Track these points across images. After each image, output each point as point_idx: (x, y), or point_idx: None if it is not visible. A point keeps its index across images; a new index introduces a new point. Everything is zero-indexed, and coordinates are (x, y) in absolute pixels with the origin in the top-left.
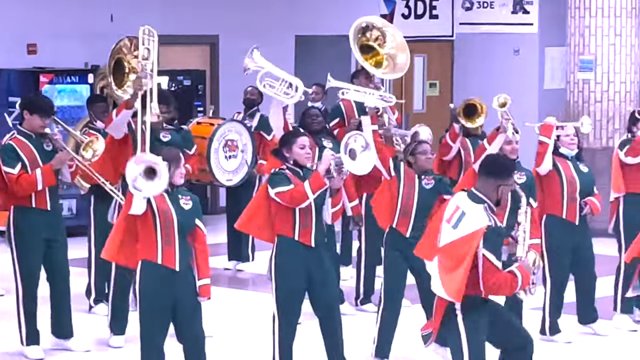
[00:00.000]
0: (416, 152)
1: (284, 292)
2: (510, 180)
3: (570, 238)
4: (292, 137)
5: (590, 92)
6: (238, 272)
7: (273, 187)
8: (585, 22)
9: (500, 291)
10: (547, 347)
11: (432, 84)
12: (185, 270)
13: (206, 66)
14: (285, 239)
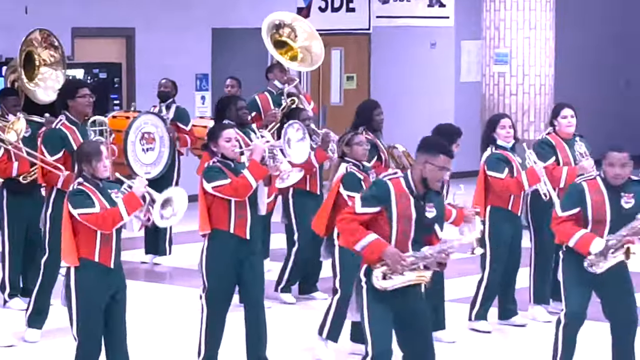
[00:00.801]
0: (352, 143)
1: (214, 285)
2: (438, 159)
3: (512, 230)
4: (218, 131)
5: (506, 85)
6: (155, 266)
7: (209, 181)
8: (501, 16)
9: (342, 234)
10: (467, 337)
11: (350, 77)
12: (118, 266)
13: (122, 59)
14: (220, 232)
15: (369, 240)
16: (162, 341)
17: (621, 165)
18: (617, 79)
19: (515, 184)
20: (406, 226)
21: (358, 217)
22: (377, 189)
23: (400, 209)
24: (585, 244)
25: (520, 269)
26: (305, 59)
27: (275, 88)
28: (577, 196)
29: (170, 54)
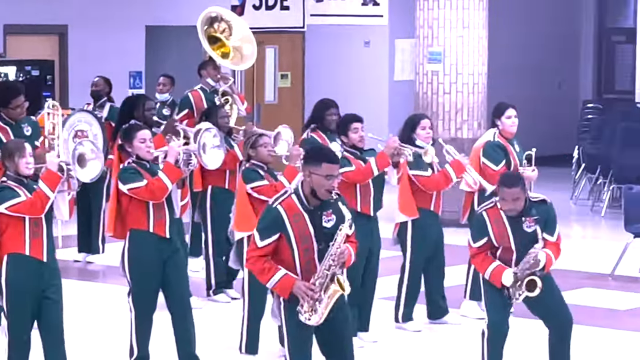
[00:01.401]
0: (257, 145)
1: (139, 285)
2: (321, 169)
3: (434, 230)
4: (132, 132)
5: (439, 83)
6: (88, 264)
7: (124, 183)
8: (434, 15)
9: (254, 274)
10: (398, 336)
11: (284, 75)
12: (52, 260)
13: (55, 56)
14: (140, 232)
15: (278, 277)
16: (95, 340)
17: (513, 200)
18: (549, 79)
19: (442, 178)
20: (307, 243)
21: (263, 251)
22: (268, 218)
23: (297, 229)
24: (497, 278)
25: (457, 266)
26: (235, 58)
27: (208, 85)
28: (481, 227)
29: (104, 52)
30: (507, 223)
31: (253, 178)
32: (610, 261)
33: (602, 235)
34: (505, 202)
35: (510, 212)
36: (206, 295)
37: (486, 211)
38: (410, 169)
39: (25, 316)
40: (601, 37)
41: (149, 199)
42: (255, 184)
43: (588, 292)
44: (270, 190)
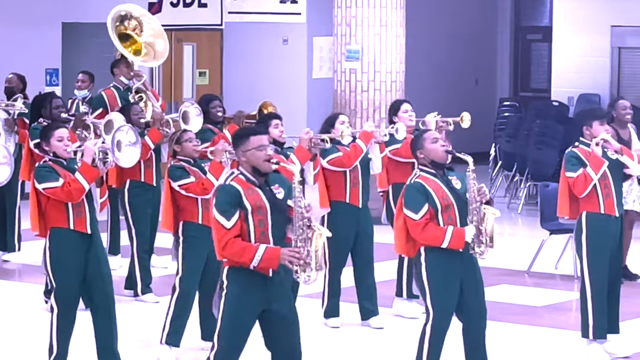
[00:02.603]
0: (182, 140)
1: (62, 283)
2: (249, 143)
3: (353, 223)
4: (49, 130)
5: (357, 81)
6: (4, 263)
7: (40, 182)
8: (352, 13)
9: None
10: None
11: (202, 72)
12: None
13: None
14: (60, 230)
15: (261, 252)
16: (11, 340)
17: (438, 138)
18: (466, 77)
19: (353, 151)
20: (261, 215)
21: (234, 231)
22: (226, 195)
23: (252, 201)
24: (459, 238)
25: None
26: (148, 54)
27: (122, 84)
28: (419, 192)
29: (19, 48)
30: (439, 182)
31: (179, 175)
32: (526, 258)
33: (518, 232)
34: (437, 142)
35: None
36: (133, 295)
37: (418, 178)
38: (323, 157)
39: None
40: (517, 36)
41: (66, 200)
42: (182, 181)
43: (505, 289)
44: (197, 187)
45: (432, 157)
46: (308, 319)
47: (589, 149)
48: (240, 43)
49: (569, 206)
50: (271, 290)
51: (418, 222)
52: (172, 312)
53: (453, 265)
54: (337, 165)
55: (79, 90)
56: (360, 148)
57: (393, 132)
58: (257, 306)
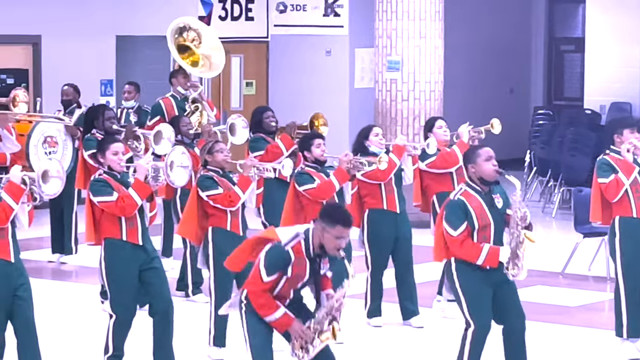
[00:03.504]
0: (213, 151)
1: (118, 293)
2: (334, 230)
3: (392, 228)
4: (106, 144)
5: (397, 91)
6: (62, 265)
7: (95, 195)
8: (393, 25)
9: (254, 306)
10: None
11: (249, 83)
12: (18, 261)
13: (29, 65)
14: (114, 241)
15: (278, 315)
16: (69, 338)
17: (492, 157)
18: (501, 87)
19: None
20: (294, 284)
21: (267, 286)
22: (279, 258)
23: (296, 270)
24: (494, 257)
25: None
26: (205, 66)
27: (179, 93)
28: (460, 210)
29: (75, 61)
30: (481, 201)
31: (208, 186)
32: (560, 260)
33: (552, 235)
34: (489, 161)
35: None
36: (185, 295)
37: (461, 195)
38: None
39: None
40: (551, 47)
41: (120, 215)
42: (211, 192)
43: (540, 290)
44: (225, 199)
45: (482, 174)
46: (352, 319)
47: (619, 157)
48: (285, 54)
49: (601, 212)
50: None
51: (456, 238)
52: (214, 316)
53: (484, 273)
54: (372, 179)
55: (126, 101)
56: (394, 162)
57: (425, 147)
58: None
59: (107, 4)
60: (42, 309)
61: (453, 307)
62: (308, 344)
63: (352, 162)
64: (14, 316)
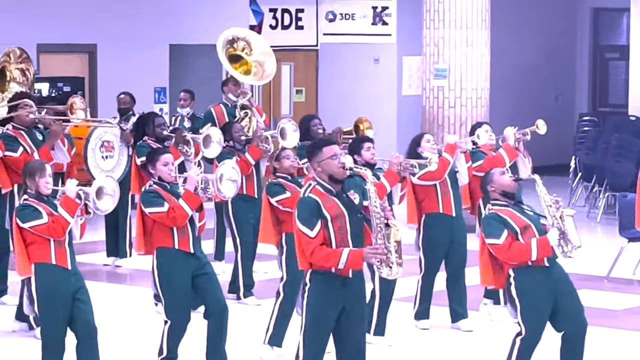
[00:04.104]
0: (280, 157)
1: (172, 300)
2: (323, 154)
3: (447, 233)
4: (156, 154)
5: (445, 98)
6: (116, 268)
7: (146, 206)
8: (440, 33)
9: (320, 264)
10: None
11: (299, 90)
12: (75, 266)
13: (85, 73)
14: (166, 250)
15: (346, 256)
16: (124, 339)
17: (504, 171)
18: (547, 94)
19: (441, 164)
20: (341, 222)
21: (319, 239)
22: (306, 206)
23: (331, 211)
24: (545, 245)
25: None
26: (257, 73)
27: (230, 101)
28: (496, 220)
29: (130, 69)
30: (512, 209)
31: (277, 192)
32: (605, 264)
33: (597, 240)
34: (505, 174)
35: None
36: (236, 298)
37: (493, 210)
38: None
39: (58, 320)
40: (596, 54)
41: (171, 225)
42: (280, 197)
43: (585, 294)
44: (293, 202)
45: (502, 188)
46: (400, 321)
47: None
48: (334, 62)
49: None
50: (350, 291)
51: (502, 245)
52: (275, 315)
53: (542, 282)
54: (428, 180)
55: (182, 108)
56: (447, 160)
57: (475, 139)
58: (337, 305)
59: (161, 14)
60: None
61: (500, 311)
62: (385, 255)
63: (402, 164)
64: (75, 320)
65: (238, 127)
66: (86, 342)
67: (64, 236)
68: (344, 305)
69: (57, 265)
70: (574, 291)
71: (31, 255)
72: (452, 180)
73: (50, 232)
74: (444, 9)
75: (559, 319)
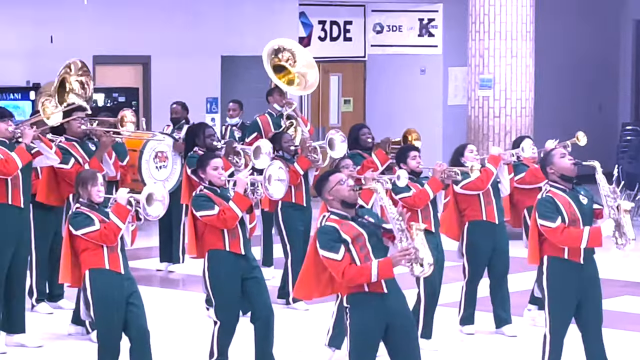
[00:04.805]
0: (340, 167)
1: (222, 301)
2: (330, 182)
3: (490, 240)
4: (205, 159)
5: (490, 108)
6: (169, 273)
7: (197, 210)
8: (485, 45)
9: (353, 283)
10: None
11: (347, 100)
12: (127, 271)
13: (139, 84)
14: (217, 252)
15: (376, 268)
16: (176, 343)
17: (565, 154)
18: (590, 104)
19: (484, 174)
20: (361, 242)
21: (346, 260)
22: (326, 235)
23: (349, 233)
24: (596, 236)
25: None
26: (300, 84)
27: (275, 110)
28: (551, 204)
29: (182, 79)
30: (568, 197)
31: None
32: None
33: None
34: (565, 157)
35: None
36: (285, 303)
37: (550, 192)
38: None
39: (113, 323)
40: (638, 64)
41: (221, 227)
42: None
43: (627, 300)
44: None
45: (562, 171)
46: (445, 326)
47: None
48: (381, 73)
49: None
50: (390, 306)
51: (555, 229)
52: (335, 316)
53: (572, 277)
54: (471, 189)
55: (231, 118)
56: (491, 171)
57: (519, 152)
58: (380, 323)
59: (213, 26)
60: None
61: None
62: (413, 254)
63: (446, 171)
64: (128, 324)
65: (287, 137)
66: (139, 346)
67: (115, 242)
68: (386, 322)
69: (110, 270)
70: (599, 296)
71: (85, 262)
72: (495, 191)
73: (103, 238)
74: (489, 20)
75: (579, 319)
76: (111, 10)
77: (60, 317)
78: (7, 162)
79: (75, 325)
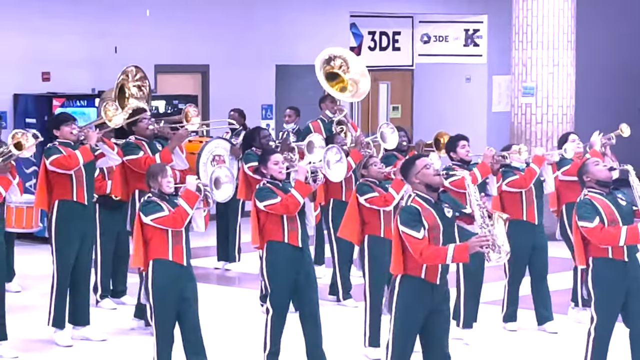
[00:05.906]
0: (368, 165)
1: (276, 288)
2: (416, 167)
3: (530, 240)
4: (266, 155)
5: (532, 114)
6: (226, 271)
7: (261, 200)
8: (528, 54)
9: (429, 262)
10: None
11: (395, 107)
12: (189, 264)
13: (198, 91)
14: (276, 243)
15: (452, 251)
16: (232, 337)
17: (599, 162)
18: (629, 108)
19: (528, 173)
20: (435, 232)
21: (425, 241)
22: (409, 214)
23: (429, 221)
24: (635, 234)
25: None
26: (352, 91)
27: (327, 117)
28: (590, 205)
29: (239, 87)
30: (606, 200)
31: (366, 191)
32: None
33: None
34: (599, 164)
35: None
36: (336, 300)
37: (588, 196)
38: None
39: (169, 313)
40: None
41: (284, 214)
42: (368, 195)
43: None
44: (380, 200)
45: (598, 177)
46: (489, 323)
47: None
48: (428, 81)
49: None
50: (437, 295)
51: (594, 228)
52: (369, 318)
53: (618, 275)
54: (515, 187)
55: (287, 124)
56: (534, 170)
57: (562, 153)
58: (425, 310)
59: (268, 37)
60: (208, 311)
61: (586, 315)
62: (491, 240)
63: (495, 157)
64: (181, 317)
65: (340, 138)
66: (192, 338)
67: (182, 226)
68: (430, 309)
69: (173, 261)
70: None
71: (151, 251)
72: (537, 190)
73: (171, 222)
74: (532, 31)
75: (626, 316)
76: (172, 22)
77: (123, 312)
78: (69, 157)
79: (137, 319)
